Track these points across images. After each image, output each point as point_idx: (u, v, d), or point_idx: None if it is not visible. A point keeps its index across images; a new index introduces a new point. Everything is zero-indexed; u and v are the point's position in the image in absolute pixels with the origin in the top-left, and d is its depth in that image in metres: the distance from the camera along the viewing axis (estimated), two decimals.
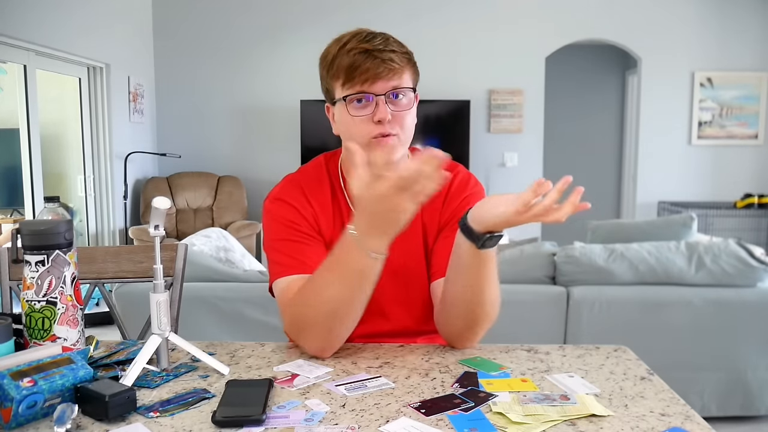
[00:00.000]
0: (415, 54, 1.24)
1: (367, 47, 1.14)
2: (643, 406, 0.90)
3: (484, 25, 5.55)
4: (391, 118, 1.15)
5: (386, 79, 1.15)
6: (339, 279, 1.05)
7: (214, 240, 2.88)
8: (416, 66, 1.23)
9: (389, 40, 1.17)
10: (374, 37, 1.16)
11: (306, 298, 1.09)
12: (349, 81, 1.15)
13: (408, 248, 1.25)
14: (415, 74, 1.23)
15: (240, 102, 5.62)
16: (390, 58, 1.14)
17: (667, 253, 2.57)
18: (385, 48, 1.15)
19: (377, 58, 1.13)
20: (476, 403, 0.90)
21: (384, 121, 1.15)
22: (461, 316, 1.13)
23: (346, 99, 1.17)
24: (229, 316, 2.51)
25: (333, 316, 1.07)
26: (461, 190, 1.28)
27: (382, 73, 1.14)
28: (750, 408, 2.61)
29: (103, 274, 1.51)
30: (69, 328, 1.00)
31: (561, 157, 6.87)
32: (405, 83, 1.17)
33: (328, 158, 1.31)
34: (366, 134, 1.16)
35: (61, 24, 4.04)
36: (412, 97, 1.19)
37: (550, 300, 2.55)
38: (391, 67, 1.14)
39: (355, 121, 1.17)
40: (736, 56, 5.60)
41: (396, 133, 1.16)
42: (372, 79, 1.14)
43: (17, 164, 3.91)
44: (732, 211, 5.45)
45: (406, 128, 1.19)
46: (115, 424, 0.84)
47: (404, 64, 1.17)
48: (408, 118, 1.19)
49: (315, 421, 0.85)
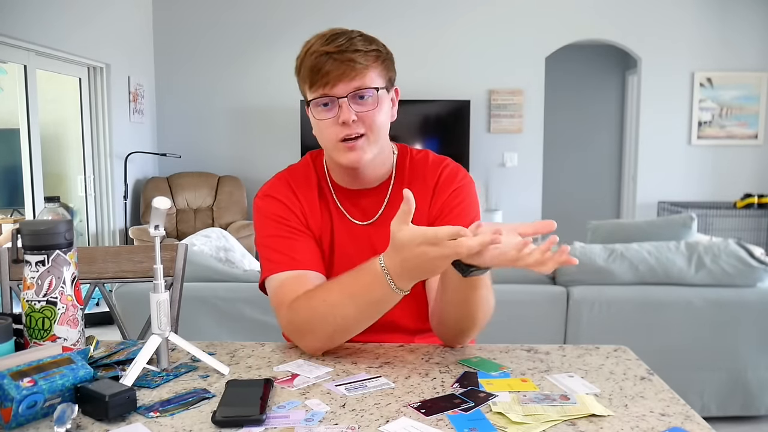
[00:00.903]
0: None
1: (327, 49, 1.13)
2: (643, 406, 0.90)
3: (484, 25, 5.55)
4: (357, 118, 1.15)
5: (348, 79, 1.14)
6: (356, 303, 1.05)
7: (214, 240, 2.88)
8: (388, 62, 1.21)
9: (354, 39, 1.15)
10: (337, 37, 1.15)
11: (315, 308, 1.09)
12: (313, 84, 1.16)
13: None
14: (387, 71, 1.20)
15: (240, 102, 5.62)
16: (350, 58, 1.13)
17: (667, 253, 2.57)
18: (347, 49, 1.13)
19: (336, 60, 1.13)
20: (476, 403, 0.90)
21: (348, 122, 1.14)
22: (451, 327, 1.15)
23: (310, 103, 1.18)
24: (229, 316, 2.51)
25: (342, 331, 1.09)
26: (449, 183, 1.27)
27: (343, 75, 1.13)
28: (750, 408, 2.61)
29: (103, 274, 1.51)
30: (69, 328, 1.00)
31: (561, 157, 6.88)
32: (370, 82, 1.16)
33: (314, 156, 1.33)
34: (333, 137, 1.17)
35: (62, 24, 4.04)
36: (378, 95, 1.17)
37: (550, 300, 2.55)
38: (352, 68, 1.13)
39: (321, 124, 1.18)
40: (736, 56, 5.60)
41: (363, 132, 1.16)
42: (333, 81, 1.14)
43: (17, 164, 3.91)
44: (732, 211, 5.45)
45: (375, 127, 1.17)
46: (115, 424, 0.84)
47: (369, 62, 1.15)
48: (377, 117, 1.17)
49: (315, 421, 0.85)
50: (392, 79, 1.23)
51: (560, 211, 6.70)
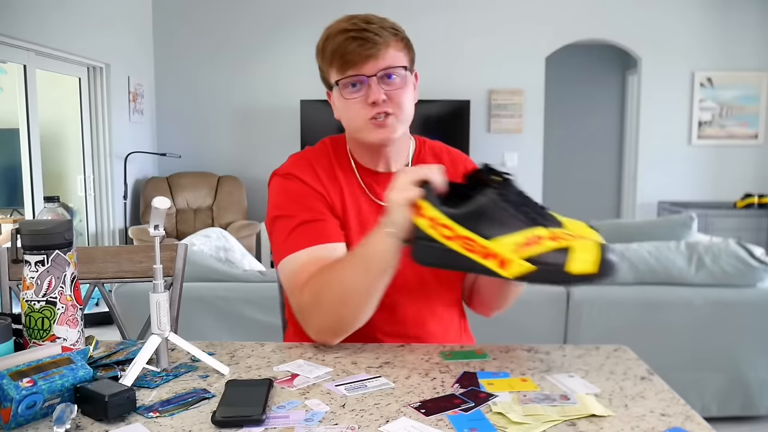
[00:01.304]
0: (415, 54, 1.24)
1: (351, 31, 1.15)
2: (643, 406, 0.90)
3: (484, 25, 5.55)
4: (386, 98, 1.16)
5: (375, 59, 1.15)
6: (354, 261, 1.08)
7: (214, 240, 2.88)
8: (408, 43, 1.23)
9: (375, 23, 1.17)
10: (360, 20, 1.17)
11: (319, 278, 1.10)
12: (340, 65, 1.16)
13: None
14: (409, 51, 1.22)
15: (240, 102, 5.62)
16: (376, 40, 1.14)
17: (667, 253, 2.57)
18: (372, 30, 1.15)
19: (364, 39, 1.14)
20: (476, 403, 0.90)
21: (378, 102, 1.15)
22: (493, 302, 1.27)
23: (339, 84, 1.18)
24: (229, 316, 2.51)
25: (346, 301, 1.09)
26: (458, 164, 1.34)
27: (370, 55, 1.14)
28: (750, 408, 2.61)
29: (103, 274, 1.51)
30: (69, 328, 1.00)
31: (561, 156, 6.88)
32: (396, 61, 1.17)
33: (335, 141, 1.31)
34: (363, 117, 1.17)
35: (61, 24, 4.04)
36: (405, 75, 1.19)
37: (550, 300, 2.55)
38: (378, 49, 1.14)
39: (350, 104, 1.18)
40: (736, 56, 5.60)
41: (392, 112, 1.17)
42: (361, 61, 1.15)
43: (17, 164, 3.91)
44: (732, 211, 5.45)
45: (403, 107, 1.19)
46: (114, 425, 0.84)
47: (393, 43, 1.17)
48: (404, 97, 1.19)
49: (315, 421, 0.85)
50: (413, 60, 1.24)
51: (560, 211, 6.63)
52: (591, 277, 0.90)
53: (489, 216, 0.93)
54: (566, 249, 0.90)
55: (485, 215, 0.93)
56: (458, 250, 0.93)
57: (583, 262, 0.89)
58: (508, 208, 0.93)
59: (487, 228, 0.92)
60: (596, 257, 0.90)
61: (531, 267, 0.90)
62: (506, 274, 0.91)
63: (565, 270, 0.89)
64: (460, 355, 1.11)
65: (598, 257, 0.90)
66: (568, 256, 0.89)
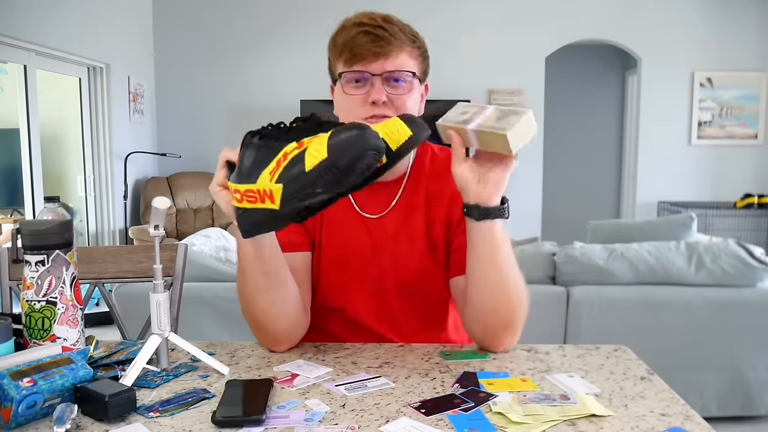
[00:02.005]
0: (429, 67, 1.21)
1: (369, 24, 1.12)
2: (643, 406, 0.90)
3: (484, 25, 5.55)
4: (387, 100, 1.12)
5: (384, 58, 1.11)
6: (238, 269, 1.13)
7: (214, 240, 2.88)
8: (425, 54, 1.19)
9: (395, 21, 1.14)
10: (380, 17, 1.14)
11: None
12: (348, 58, 1.12)
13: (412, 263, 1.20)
14: (423, 61, 1.18)
15: (240, 102, 5.61)
16: (389, 39, 1.11)
17: (667, 253, 2.57)
18: (387, 27, 1.12)
19: (377, 36, 1.10)
20: (476, 403, 0.90)
21: (378, 102, 1.11)
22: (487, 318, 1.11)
23: (342, 76, 1.14)
24: (229, 316, 2.50)
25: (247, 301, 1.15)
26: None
27: (380, 52, 1.11)
28: (750, 408, 2.61)
29: (103, 274, 1.51)
30: (69, 328, 1.00)
31: (561, 156, 6.87)
32: (405, 65, 1.13)
33: None
34: (359, 115, 1.12)
35: (61, 24, 4.04)
36: (413, 82, 1.15)
37: (550, 300, 2.55)
38: (389, 47, 1.11)
39: (349, 100, 1.14)
40: (736, 56, 5.60)
41: (390, 116, 1.06)
42: (370, 57, 1.11)
43: (17, 164, 3.91)
44: (732, 211, 5.45)
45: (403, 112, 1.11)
46: (114, 424, 0.84)
47: (406, 45, 1.13)
48: (407, 103, 1.14)
49: (315, 421, 0.85)
50: (426, 72, 1.21)
51: (560, 211, 6.70)
52: (411, 140, 0.91)
53: (257, 162, 0.93)
54: (304, 151, 0.89)
55: (255, 163, 0.93)
56: (247, 207, 0.94)
57: (315, 157, 0.87)
58: (270, 144, 0.92)
59: (255, 175, 0.92)
60: (399, 127, 0.91)
61: (279, 186, 0.89)
62: (275, 206, 0.90)
63: (306, 171, 0.87)
64: (460, 355, 1.11)
65: (401, 126, 0.91)
66: (305, 158, 0.88)
